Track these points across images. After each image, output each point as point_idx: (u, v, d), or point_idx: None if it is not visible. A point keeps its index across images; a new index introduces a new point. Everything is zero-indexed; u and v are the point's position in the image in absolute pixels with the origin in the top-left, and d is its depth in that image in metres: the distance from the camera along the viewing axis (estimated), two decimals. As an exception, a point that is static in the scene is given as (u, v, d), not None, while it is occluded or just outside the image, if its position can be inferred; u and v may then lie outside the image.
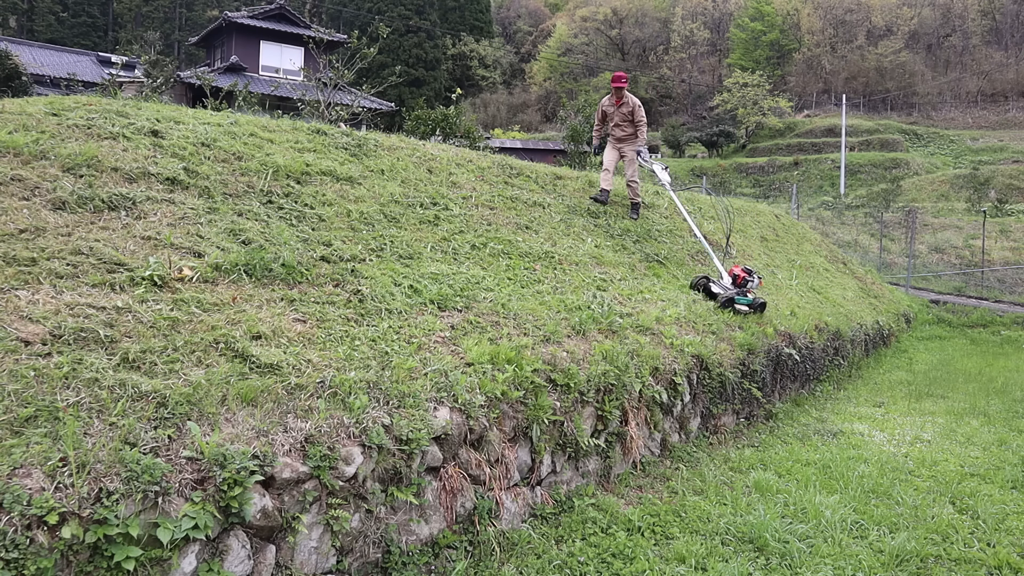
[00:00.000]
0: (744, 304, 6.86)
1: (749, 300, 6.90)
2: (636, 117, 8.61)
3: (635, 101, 8.68)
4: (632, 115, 8.64)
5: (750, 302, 6.91)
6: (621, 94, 8.66)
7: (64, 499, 2.18)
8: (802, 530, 3.99)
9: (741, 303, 6.84)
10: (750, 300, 6.91)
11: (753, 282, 7.06)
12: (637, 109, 8.64)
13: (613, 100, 8.77)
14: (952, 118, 57.70)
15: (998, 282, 19.94)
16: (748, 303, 6.89)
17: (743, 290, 6.98)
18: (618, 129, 8.80)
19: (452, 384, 3.60)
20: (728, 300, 6.79)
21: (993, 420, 7.09)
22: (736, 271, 7.12)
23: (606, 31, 73.97)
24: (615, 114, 8.73)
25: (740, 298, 6.85)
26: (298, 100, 12.76)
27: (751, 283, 7.04)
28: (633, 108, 8.63)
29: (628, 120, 8.69)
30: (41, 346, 2.73)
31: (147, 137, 4.95)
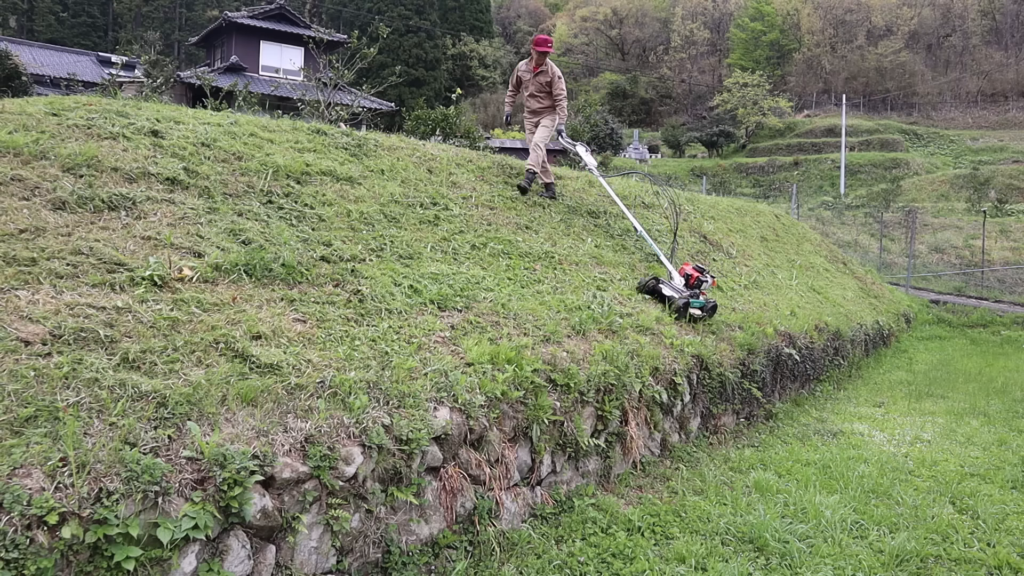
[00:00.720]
0: (697, 306, 6.14)
1: (702, 303, 6.18)
2: (555, 90, 7.62)
3: (556, 71, 7.67)
4: (550, 86, 7.65)
5: (702, 305, 6.19)
6: (542, 61, 7.66)
7: (64, 499, 2.18)
8: (802, 530, 3.99)
9: (695, 305, 6.10)
10: (703, 303, 6.19)
11: (706, 282, 6.37)
12: (557, 80, 7.62)
13: (531, 66, 7.75)
14: (952, 118, 57.72)
15: (998, 282, 19.94)
16: (701, 306, 6.17)
17: (696, 291, 6.24)
18: (533, 100, 7.84)
19: (452, 384, 3.60)
20: (683, 305, 6.05)
21: (993, 420, 7.09)
22: (688, 270, 6.40)
23: (606, 31, 73.98)
24: (531, 82, 7.76)
25: (694, 301, 6.10)
26: (298, 100, 12.77)
27: (705, 283, 6.36)
28: (552, 78, 7.62)
29: (545, 91, 7.73)
30: (41, 346, 2.73)
31: (147, 137, 4.95)
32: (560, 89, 7.60)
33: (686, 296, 6.10)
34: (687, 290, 6.22)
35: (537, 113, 7.88)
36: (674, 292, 6.18)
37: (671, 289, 6.21)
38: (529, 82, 7.78)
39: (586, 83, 66.04)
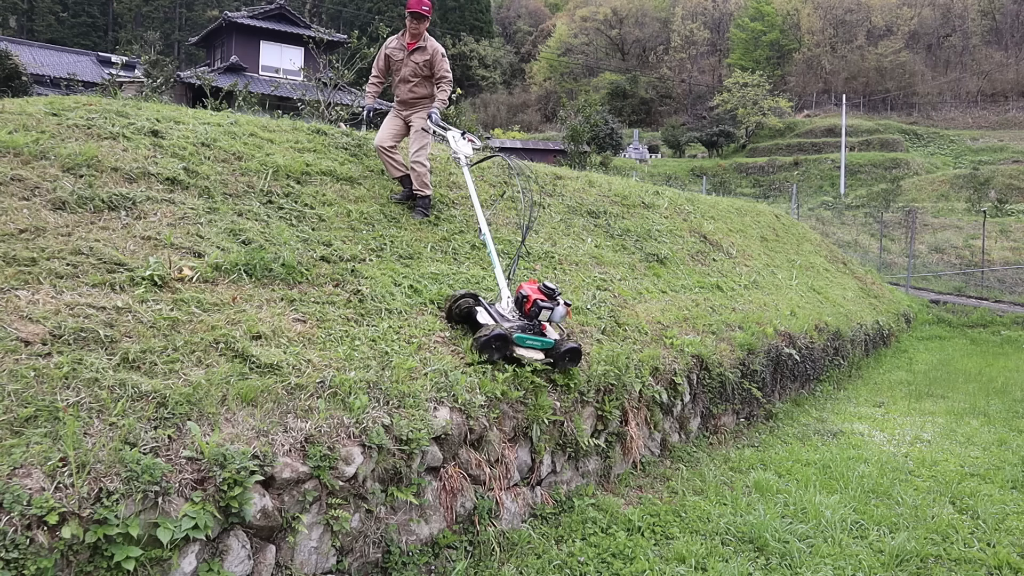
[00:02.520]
0: (534, 346, 4.10)
1: (545, 342, 4.14)
2: (437, 70, 5.81)
3: (438, 47, 5.84)
4: (431, 66, 5.80)
5: (549, 345, 4.15)
6: (419, 28, 5.77)
7: (64, 499, 2.18)
8: (802, 530, 3.99)
9: (528, 344, 4.07)
10: (547, 342, 4.14)
11: (555, 310, 4.22)
12: (440, 58, 5.80)
13: (404, 41, 5.87)
14: (952, 118, 57.72)
15: (998, 282, 19.94)
16: (542, 345, 4.13)
17: (533, 323, 4.18)
18: (405, 87, 5.89)
19: (452, 384, 3.60)
20: (497, 339, 3.96)
21: (993, 420, 7.09)
22: (527, 290, 4.24)
23: (606, 31, 73.98)
24: (405, 62, 5.84)
25: (526, 337, 4.06)
26: (298, 100, 12.77)
27: (552, 312, 4.21)
28: (433, 56, 5.78)
29: (423, 75, 5.84)
30: (41, 346, 2.73)
31: (147, 137, 4.95)
32: (444, 70, 5.83)
33: (510, 327, 4.08)
34: (518, 319, 4.19)
35: (410, 106, 5.93)
36: (492, 318, 4.14)
37: (490, 314, 4.16)
38: (402, 62, 5.85)
39: (586, 83, 66.04)
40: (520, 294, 4.27)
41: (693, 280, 7.76)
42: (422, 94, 5.89)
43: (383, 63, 6.01)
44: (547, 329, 4.27)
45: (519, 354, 4.04)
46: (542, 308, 4.16)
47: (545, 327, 4.25)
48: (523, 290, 4.26)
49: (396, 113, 6.05)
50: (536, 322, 4.19)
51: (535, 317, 4.19)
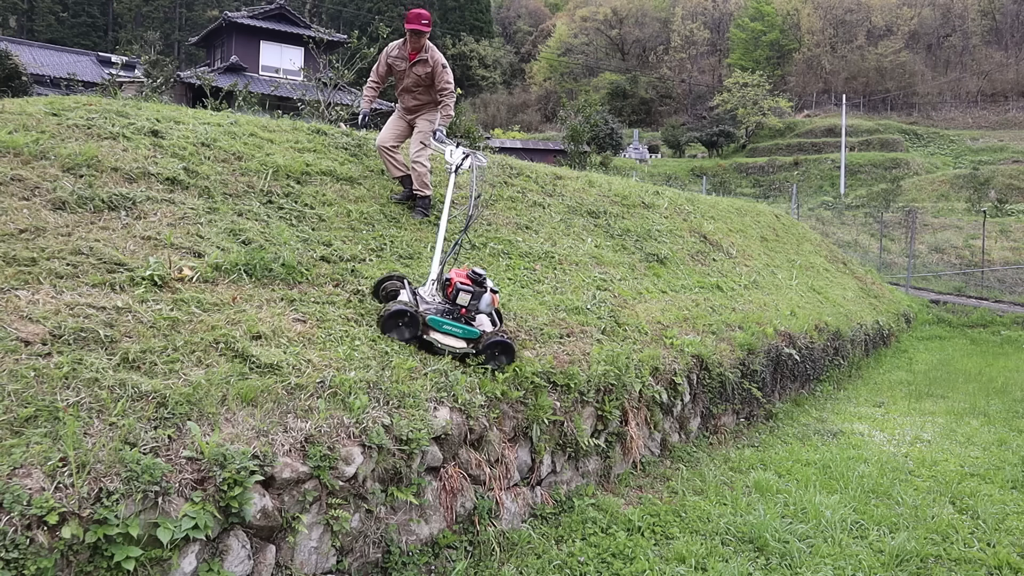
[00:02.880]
0: (453, 332, 3.91)
1: (468, 330, 3.94)
2: (439, 83, 5.80)
3: (439, 58, 5.82)
4: (433, 78, 5.82)
5: (472, 335, 3.94)
6: (419, 42, 5.77)
7: (64, 499, 2.18)
8: (802, 530, 3.99)
9: (445, 329, 3.89)
10: (473, 332, 3.95)
11: (481, 300, 4.03)
12: (441, 71, 5.80)
13: (406, 51, 5.86)
14: (952, 118, 57.73)
15: (998, 282, 19.95)
16: (464, 334, 3.93)
17: (455, 308, 4.00)
18: (409, 96, 5.97)
19: (452, 384, 3.60)
20: (401, 316, 3.82)
21: (993, 420, 7.09)
22: (453, 274, 4.09)
23: (606, 31, 73.99)
24: (407, 73, 5.87)
25: (442, 321, 3.89)
26: (298, 100, 12.77)
27: (478, 301, 4.03)
28: (435, 68, 5.78)
29: (424, 85, 5.89)
30: (41, 346, 2.73)
31: (147, 137, 4.95)
32: (445, 82, 5.82)
33: (427, 309, 3.97)
34: (439, 303, 4.06)
35: (413, 111, 6.03)
36: (410, 298, 4.03)
37: (410, 296, 4.07)
38: (404, 73, 5.89)
39: (586, 83, 66.03)
40: (445, 278, 4.11)
41: (693, 280, 7.76)
42: (425, 100, 5.98)
43: (383, 70, 6.01)
44: (478, 321, 4.10)
45: (434, 338, 3.87)
46: (460, 291, 3.97)
47: (477, 315, 4.08)
48: (449, 275, 4.09)
49: (400, 115, 6.10)
50: (457, 307, 4.00)
51: (454, 301, 4.01)
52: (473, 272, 4.06)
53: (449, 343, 3.90)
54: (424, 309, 3.94)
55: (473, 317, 4.06)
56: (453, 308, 4.00)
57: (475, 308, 4.03)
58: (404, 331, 3.84)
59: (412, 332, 3.85)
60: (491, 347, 3.95)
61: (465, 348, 3.93)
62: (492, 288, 4.13)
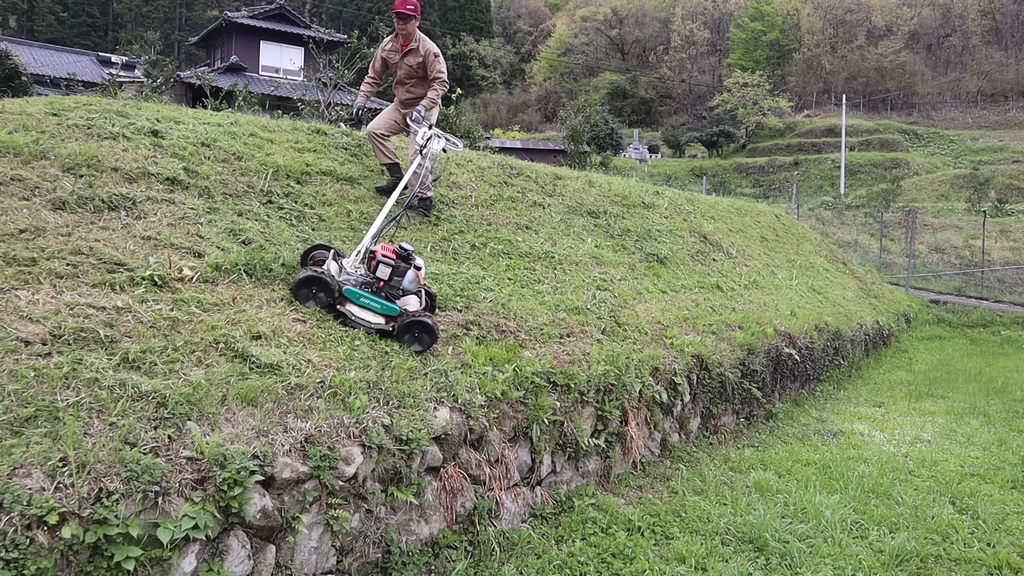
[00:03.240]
0: (370, 307, 3.77)
1: (387, 306, 3.78)
2: (431, 71, 5.76)
3: (431, 47, 5.77)
4: (425, 68, 5.78)
5: (392, 311, 3.79)
6: (408, 31, 5.70)
7: (64, 499, 2.18)
8: (802, 530, 3.99)
9: (362, 303, 3.76)
10: (393, 308, 3.79)
11: (404, 276, 3.91)
12: (433, 59, 5.74)
13: (398, 43, 5.84)
14: (952, 118, 57.72)
15: (998, 282, 19.94)
16: (383, 309, 3.78)
17: (375, 282, 3.88)
18: (402, 89, 5.96)
19: (452, 384, 3.60)
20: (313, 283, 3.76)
21: (993, 420, 7.09)
22: (382, 249, 3.95)
23: (606, 31, 73.99)
24: (400, 64, 5.86)
25: (360, 293, 3.76)
26: (298, 100, 12.77)
27: (401, 277, 3.90)
28: (427, 57, 5.74)
29: (418, 76, 5.84)
30: (41, 346, 2.73)
31: (147, 137, 4.95)
32: (438, 71, 5.76)
33: (346, 280, 3.88)
34: (361, 275, 3.93)
35: (408, 105, 5.95)
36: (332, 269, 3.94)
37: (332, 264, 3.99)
38: (397, 65, 5.88)
39: (586, 83, 66.03)
40: (370, 251, 4.01)
41: (693, 280, 7.76)
42: (419, 94, 5.93)
43: (379, 64, 6.04)
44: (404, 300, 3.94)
45: (348, 310, 3.77)
46: (380, 263, 3.85)
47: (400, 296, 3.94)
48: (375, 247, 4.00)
49: (396, 107, 6.10)
50: (374, 280, 3.87)
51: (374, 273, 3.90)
52: (400, 247, 3.93)
53: (365, 317, 3.77)
54: (343, 279, 3.86)
55: (398, 295, 3.93)
56: (374, 281, 3.89)
57: (397, 284, 3.90)
58: (312, 300, 3.76)
59: (325, 301, 3.76)
60: (410, 326, 3.78)
61: (382, 325, 3.79)
62: (417, 265, 3.98)
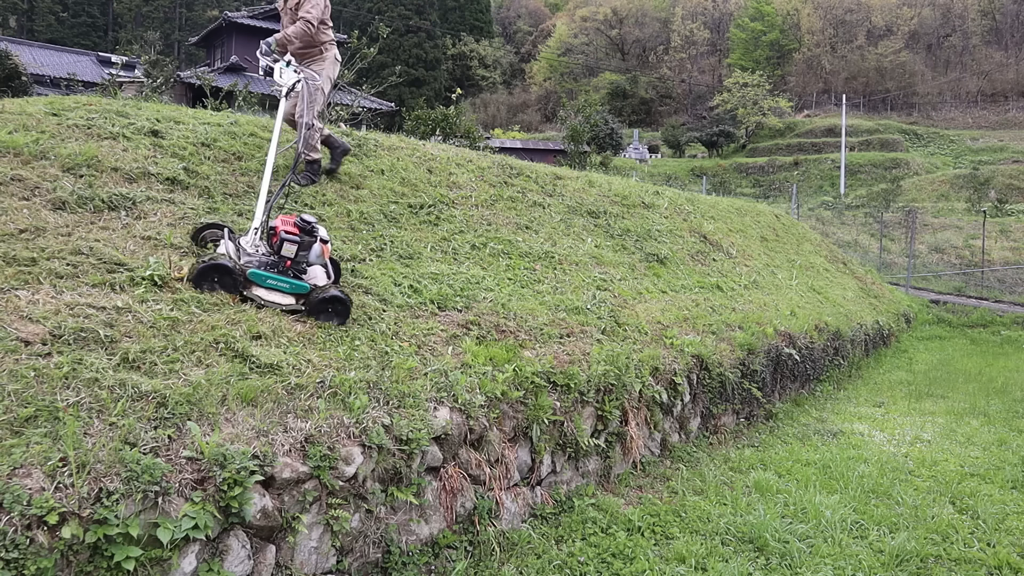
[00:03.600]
0: (279, 287, 3.62)
1: (297, 284, 3.65)
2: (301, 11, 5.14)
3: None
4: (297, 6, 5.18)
5: (302, 289, 3.66)
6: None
7: (64, 499, 2.18)
8: (802, 530, 3.99)
9: (270, 284, 3.60)
10: (303, 286, 3.66)
11: (310, 251, 3.73)
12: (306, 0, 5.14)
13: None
14: (952, 118, 57.71)
15: (998, 282, 19.94)
16: (292, 288, 3.65)
17: (281, 261, 3.65)
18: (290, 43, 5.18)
19: (452, 384, 3.60)
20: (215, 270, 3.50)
21: (993, 420, 7.09)
22: (278, 222, 3.77)
23: (606, 31, 73.98)
24: (284, 11, 5.34)
25: (266, 275, 3.58)
26: (298, 100, 12.72)
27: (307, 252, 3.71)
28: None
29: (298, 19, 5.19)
30: (41, 346, 2.73)
31: (147, 137, 4.95)
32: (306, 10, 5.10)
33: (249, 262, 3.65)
34: (263, 254, 3.73)
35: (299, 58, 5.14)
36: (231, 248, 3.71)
37: (230, 245, 3.74)
38: (283, 12, 5.32)
39: (586, 83, 66.02)
40: (270, 227, 3.77)
41: (693, 280, 7.76)
42: (307, 44, 5.23)
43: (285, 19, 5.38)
44: (310, 273, 3.74)
45: (256, 295, 3.57)
46: (285, 241, 3.60)
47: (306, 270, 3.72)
48: (275, 223, 3.76)
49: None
50: (282, 259, 3.64)
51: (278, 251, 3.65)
52: (301, 219, 3.71)
53: (274, 299, 3.61)
54: (245, 262, 3.62)
55: (304, 270, 3.72)
56: (279, 260, 3.65)
57: (303, 259, 3.69)
58: (216, 288, 3.51)
59: (229, 289, 3.53)
60: (323, 302, 3.66)
61: (293, 304, 3.65)
62: (323, 238, 3.79)
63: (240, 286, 3.57)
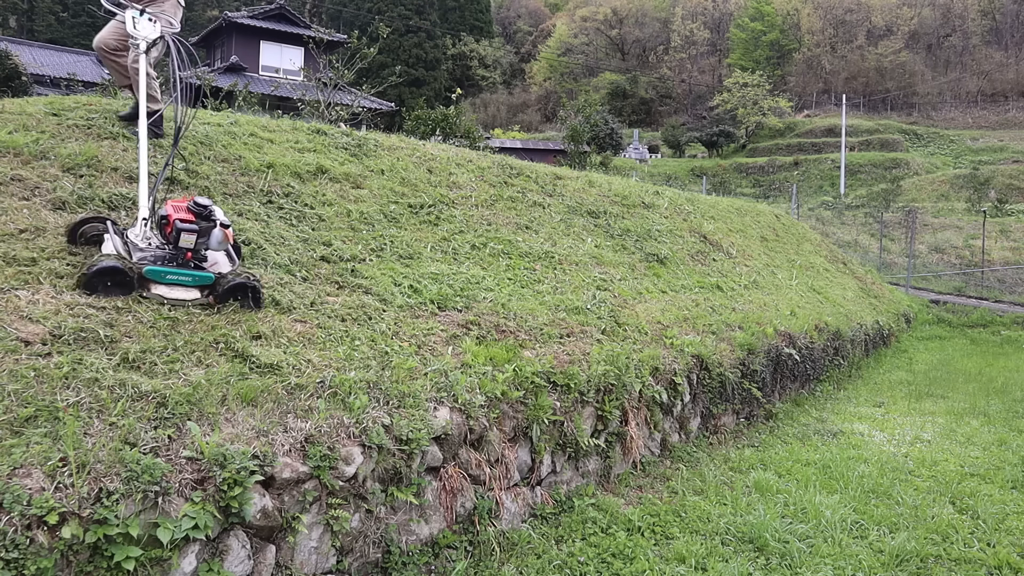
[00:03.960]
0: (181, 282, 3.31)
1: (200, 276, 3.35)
2: None
3: None
4: None
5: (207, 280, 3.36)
6: None
7: (64, 499, 2.18)
8: (802, 530, 3.99)
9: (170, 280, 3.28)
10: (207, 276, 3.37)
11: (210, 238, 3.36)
12: None
13: None
14: (952, 118, 57.71)
15: (998, 282, 19.94)
16: (195, 281, 3.35)
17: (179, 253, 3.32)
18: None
19: (452, 384, 3.60)
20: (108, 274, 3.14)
21: (993, 420, 7.09)
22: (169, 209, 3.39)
23: (606, 31, 73.98)
24: None
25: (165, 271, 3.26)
26: (298, 100, 12.76)
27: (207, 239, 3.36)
28: None
29: None
30: (41, 346, 2.73)
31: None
32: None
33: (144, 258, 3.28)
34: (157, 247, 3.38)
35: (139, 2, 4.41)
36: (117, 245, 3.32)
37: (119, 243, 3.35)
38: None
39: (586, 83, 66.01)
40: (161, 215, 3.38)
41: (693, 280, 7.76)
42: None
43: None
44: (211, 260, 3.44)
45: (156, 294, 3.24)
46: (181, 232, 3.23)
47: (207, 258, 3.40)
48: (166, 210, 3.36)
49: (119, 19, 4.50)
50: (181, 251, 3.29)
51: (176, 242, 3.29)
52: (195, 203, 3.33)
53: (178, 296, 3.29)
54: (139, 259, 3.25)
55: (204, 258, 3.40)
56: (177, 252, 3.31)
57: (203, 246, 3.35)
58: (111, 292, 3.14)
59: (126, 291, 3.17)
60: (231, 292, 3.39)
61: (199, 298, 3.36)
62: (223, 221, 3.39)
63: (136, 286, 3.21)
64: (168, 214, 3.34)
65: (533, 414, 3.95)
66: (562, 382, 4.24)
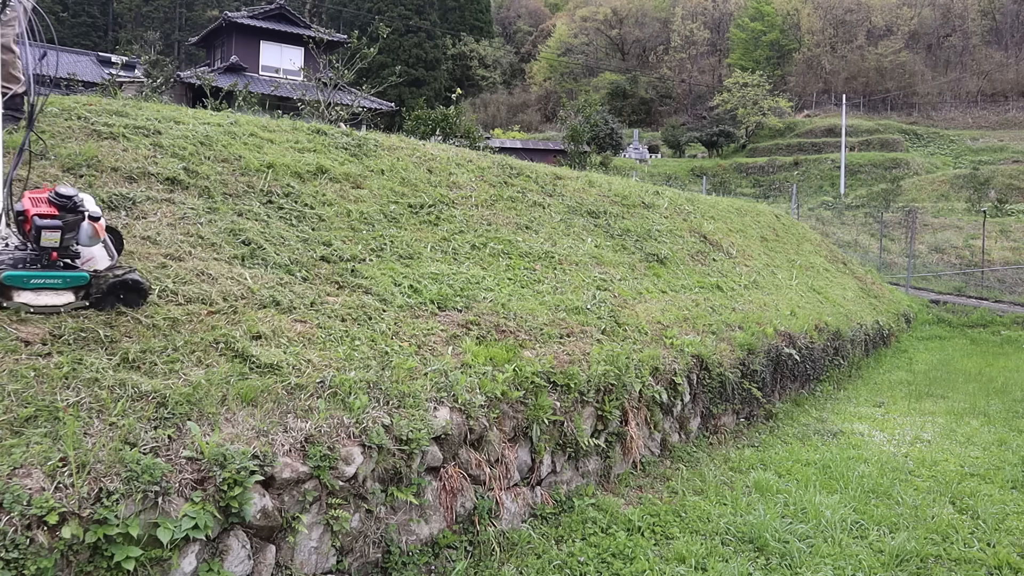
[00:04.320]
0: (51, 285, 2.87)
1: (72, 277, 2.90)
2: None
3: None
4: None
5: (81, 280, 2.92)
6: None
7: (64, 499, 2.18)
8: (802, 530, 3.99)
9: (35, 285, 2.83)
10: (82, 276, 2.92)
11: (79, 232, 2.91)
12: None
13: None
14: (952, 118, 57.72)
15: (998, 282, 19.94)
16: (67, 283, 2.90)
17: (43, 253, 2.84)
18: None
19: (452, 384, 3.60)
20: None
21: (993, 420, 7.09)
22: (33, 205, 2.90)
23: (606, 31, 73.99)
24: None
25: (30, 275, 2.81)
26: (298, 100, 12.75)
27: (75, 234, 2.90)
28: None
29: None
30: (41, 346, 2.73)
31: (147, 137, 4.95)
32: None
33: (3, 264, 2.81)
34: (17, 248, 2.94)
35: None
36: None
37: None
38: None
39: (586, 83, 66.01)
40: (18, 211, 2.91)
41: (693, 280, 7.76)
42: None
43: None
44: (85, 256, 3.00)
45: (21, 303, 2.80)
46: (42, 229, 2.76)
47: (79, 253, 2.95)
48: (23, 204, 2.90)
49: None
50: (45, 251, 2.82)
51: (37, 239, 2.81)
52: (56, 194, 2.85)
53: (47, 302, 2.84)
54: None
55: (76, 255, 2.94)
56: (40, 253, 2.83)
57: (71, 242, 2.90)
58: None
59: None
60: (112, 292, 3.00)
61: (74, 302, 2.92)
62: (92, 213, 2.92)
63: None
64: (26, 209, 2.86)
65: (533, 414, 3.95)
66: (562, 382, 4.23)
